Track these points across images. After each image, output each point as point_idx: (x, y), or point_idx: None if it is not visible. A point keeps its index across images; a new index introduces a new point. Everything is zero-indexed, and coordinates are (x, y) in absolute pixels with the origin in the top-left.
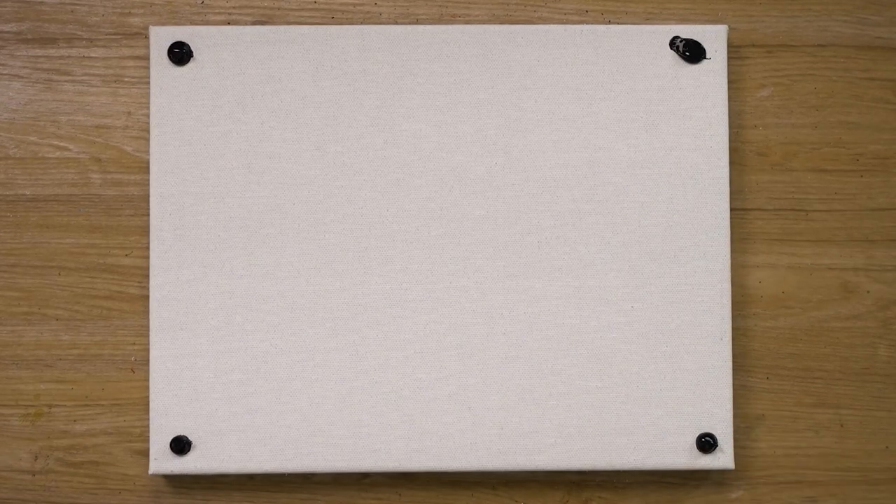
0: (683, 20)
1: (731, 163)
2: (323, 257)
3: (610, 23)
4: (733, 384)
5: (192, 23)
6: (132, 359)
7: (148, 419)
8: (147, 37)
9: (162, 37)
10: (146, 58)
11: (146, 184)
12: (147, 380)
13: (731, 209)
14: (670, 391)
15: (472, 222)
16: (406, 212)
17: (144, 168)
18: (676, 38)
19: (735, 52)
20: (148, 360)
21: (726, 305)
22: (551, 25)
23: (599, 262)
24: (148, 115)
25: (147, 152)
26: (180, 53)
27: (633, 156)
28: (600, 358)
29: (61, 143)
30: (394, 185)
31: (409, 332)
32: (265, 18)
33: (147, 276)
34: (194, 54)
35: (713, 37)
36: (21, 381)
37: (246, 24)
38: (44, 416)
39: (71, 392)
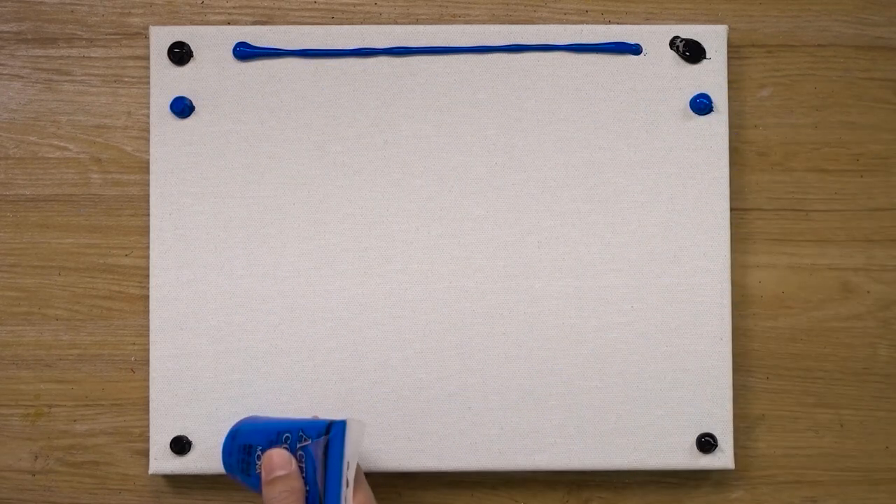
0: (683, 20)
1: (731, 163)
2: (323, 257)
3: (610, 23)
4: (733, 384)
5: (192, 23)
6: (132, 359)
7: (148, 419)
8: (147, 37)
9: (162, 37)
10: (146, 58)
11: (146, 184)
12: (147, 380)
13: (731, 209)
14: (670, 391)
15: (472, 222)
16: (406, 212)
17: (144, 168)
18: (676, 38)
19: (735, 52)
20: (148, 360)
21: (726, 305)
22: (551, 25)
23: (599, 262)
24: (148, 115)
25: (147, 152)
26: (180, 53)
27: (633, 156)
28: (600, 358)
29: (61, 143)
30: (394, 185)
31: (409, 332)
32: (265, 18)
33: (147, 276)
34: (194, 54)
35: (713, 37)
36: (21, 381)
37: (246, 24)
38: (44, 416)
39: (71, 392)
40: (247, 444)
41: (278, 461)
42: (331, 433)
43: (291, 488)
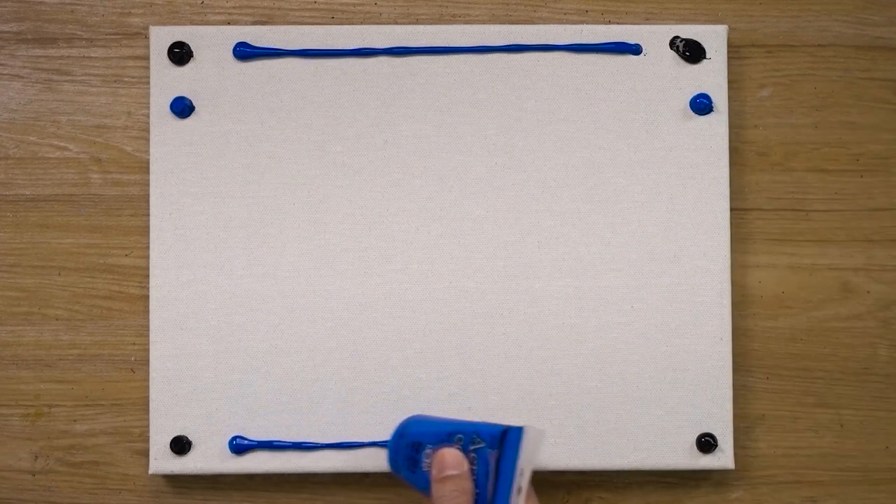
0: (683, 20)
1: (731, 163)
2: (323, 257)
3: (610, 23)
4: (733, 384)
5: (192, 23)
6: (132, 359)
7: (148, 419)
8: (147, 37)
9: (162, 37)
10: (146, 58)
11: (146, 184)
12: (147, 380)
13: (731, 209)
14: (670, 391)
15: (472, 222)
16: (406, 212)
17: (144, 168)
18: (676, 38)
19: (735, 52)
20: (148, 360)
21: (726, 305)
22: (551, 25)
23: (599, 262)
24: (148, 115)
25: (147, 152)
26: (180, 53)
27: (633, 156)
28: (600, 358)
29: (61, 143)
30: (394, 185)
31: (409, 332)
32: (265, 18)
33: (147, 276)
34: (194, 54)
35: (713, 37)
36: (21, 381)
37: (246, 24)
38: (44, 416)
39: (71, 392)
40: (416, 441)
41: (451, 461)
42: (506, 440)
43: (462, 489)
